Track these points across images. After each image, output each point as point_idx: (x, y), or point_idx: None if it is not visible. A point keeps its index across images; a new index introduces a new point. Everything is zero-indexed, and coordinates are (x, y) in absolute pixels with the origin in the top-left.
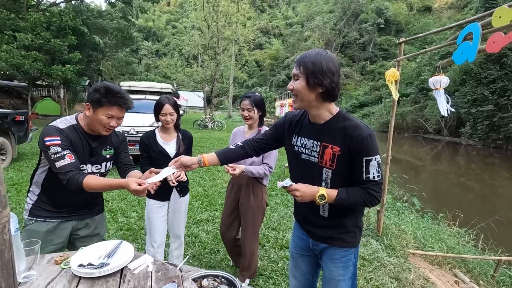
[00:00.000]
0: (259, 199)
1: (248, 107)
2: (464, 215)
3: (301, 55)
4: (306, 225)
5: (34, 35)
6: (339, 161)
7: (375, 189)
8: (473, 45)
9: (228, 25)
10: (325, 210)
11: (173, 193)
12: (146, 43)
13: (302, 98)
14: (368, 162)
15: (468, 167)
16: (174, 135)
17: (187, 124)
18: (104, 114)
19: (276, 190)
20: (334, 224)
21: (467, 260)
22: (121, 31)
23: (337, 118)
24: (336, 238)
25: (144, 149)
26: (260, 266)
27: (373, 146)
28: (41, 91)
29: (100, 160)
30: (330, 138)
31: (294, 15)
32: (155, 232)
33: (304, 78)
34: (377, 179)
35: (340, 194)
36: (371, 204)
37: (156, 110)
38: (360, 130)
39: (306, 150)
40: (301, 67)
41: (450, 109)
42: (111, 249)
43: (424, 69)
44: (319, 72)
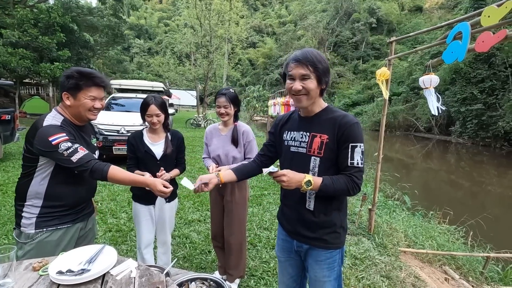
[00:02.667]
0: (244, 193)
1: (225, 104)
2: (454, 212)
3: (302, 55)
4: (289, 226)
5: (21, 32)
6: (327, 148)
7: (357, 176)
8: (462, 44)
9: (221, 23)
10: (311, 202)
11: (158, 198)
12: (138, 41)
13: (312, 96)
14: (354, 148)
15: (458, 165)
16: (162, 135)
17: (180, 123)
18: (85, 97)
19: (269, 189)
20: (319, 222)
21: (456, 257)
22: (112, 29)
23: (326, 111)
24: (320, 239)
25: (131, 150)
26: (252, 267)
27: (359, 133)
28: (30, 89)
29: (94, 150)
30: (319, 128)
31: (287, 13)
32: (141, 234)
33: (315, 77)
34: (360, 166)
35: (324, 180)
36: (353, 192)
37: (142, 111)
38: (348, 118)
39: (294, 143)
40: (310, 67)
41: (440, 108)
42: (93, 255)
43: (415, 68)
44: (326, 70)
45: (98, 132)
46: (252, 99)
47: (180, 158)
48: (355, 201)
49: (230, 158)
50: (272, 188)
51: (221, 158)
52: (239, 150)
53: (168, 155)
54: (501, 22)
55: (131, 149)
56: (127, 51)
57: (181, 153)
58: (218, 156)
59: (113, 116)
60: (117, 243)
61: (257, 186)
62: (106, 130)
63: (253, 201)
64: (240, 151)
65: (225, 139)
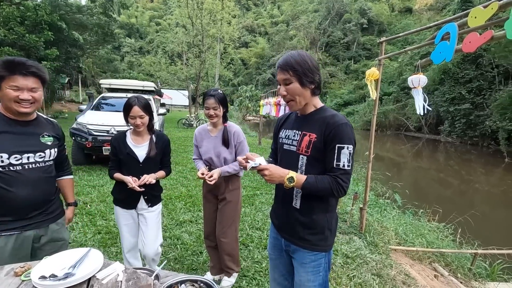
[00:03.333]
0: (237, 193)
1: (214, 105)
2: (443, 210)
3: (282, 60)
4: (278, 223)
5: (7, 30)
6: (314, 147)
7: (343, 178)
8: (450, 44)
9: (212, 23)
10: (297, 201)
11: (140, 202)
12: (129, 40)
13: (300, 99)
14: (340, 149)
15: (447, 163)
16: (146, 137)
17: (172, 123)
18: (8, 87)
19: (261, 189)
20: (304, 221)
21: (445, 254)
22: (102, 27)
23: (319, 111)
24: (305, 239)
25: (113, 152)
26: (244, 267)
27: (347, 134)
28: None
29: (43, 148)
30: (310, 127)
31: (279, 13)
32: (123, 238)
33: (296, 80)
34: (346, 168)
35: (308, 178)
36: (338, 194)
37: (125, 112)
38: (336, 118)
39: (288, 141)
40: (290, 71)
41: (427, 108)
42: (78, 258)
43: (405, 68)
44: (308, 70)
45: (87, 132)
46: (245, 99)
47: (166, 161)
48: (346, 200)
49: (222, 159)
50: (264, 188)
51: (213, 160)
52: (230, 151)
53: (151, 158)
54: (487, 23)
55: (113, 151)
56: (117, 50)
57: (166, 156)
58: (211, 159)
59: (103, 116)
60: (106, 245)
61: (249, 186)
62: (96, 131)
63: (245, 201)
64: (231, 152)
65: (215, 140)
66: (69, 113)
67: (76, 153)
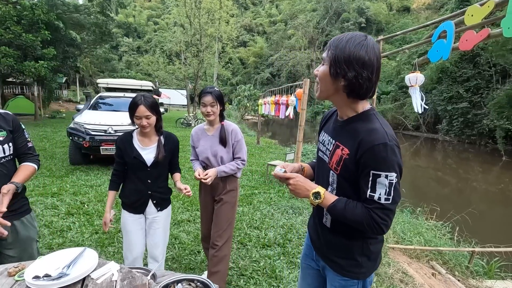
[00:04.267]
0: (235, 194)
1: (211, 102)
2: (441, 208)
3: (337, 36)
4: (311, 233)
5: (4, 29)
6: (344, 166)
7: (379, 214)
8: (447, 43)
9: (211, 22)
10: (327, 219)
11: (148, 206)
12: (127, 40)
13: (321, 87)
14: (376, 177)
15: (445, 162)
16: (154, 139)
17: (170, 122)
18: None
19: (259, 188)
20: (336, 241)
21: (443, 252)
22: (99, 27)
23: (359, 117)
24: (334, 262)
25: (118, 154)
26: (242, 266)
27: (386, 159)
28: (14, 88)
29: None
30: (344, 138)
31: (278, 13)
32: (129, 246)
33: (328, 64)
34: (383, 203)
35: (336, 202)
36: (372, 231)
37: (131, 112)
38: (374, 135)
39: (323, 147)
40: (329, 51)
41: (424, 106)
42: (73, 258)
43: (403, 67)
44: (344, 60)
45: (84, 132)
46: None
47: (175, 163)
48: None
49: (219, 159)
50: (262, 187)
51: (210, 160)
52: (228, 150)
53: (160, 162)
54: (484, 21)
55: (119, 154)
56: (115, 49)
57: (175, 158)
58: (207, 159)
59: (100, 116)
60: (103, 245)
61: (248, 185)
62: (93, 130)
63: (243, 200)
64: (229, 151)
65: (212, 139)
66: (66, 113)
67: (74, 153)
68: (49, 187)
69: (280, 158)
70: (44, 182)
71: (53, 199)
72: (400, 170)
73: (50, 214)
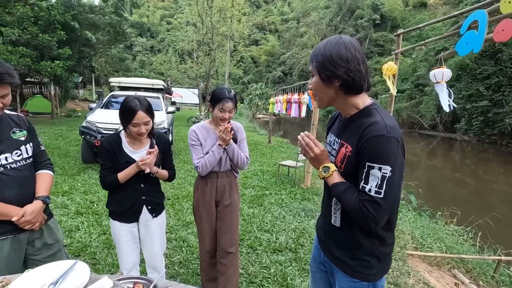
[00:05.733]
0: (238, 195)
1: (231, 109)
2: (461, 212)
3: (315, 48)
4: (320, 233)
5: (21, 30)
6: (348, 163)
7: (367, 207)
8: (479, 34)
9: (223, 21)
10: (337, 218)
11: (142, 214)
12: (140, 39)
13: (320, 96)
14: (370, 169)
15: (463, 162)
16: (146, 140)
17: (182, 121)
18: None
19: (271, 189)
20: (345, 241)
21: (466, 260)
22: (114, 27)
23: (361, 113)
24: (343, 261)
25: (106, 157)
26: (251, 273)
27: (381, 150)
28: (33, 88)
29: (18, 145)
30: (348, 135)
31: (290, 10)
32: (123, 258)
33: (317, 73)
34: (373, 195)
35: (340, 183)
36: (361, 223)
37: (125, 117)
38: (374, 127)
39: (329, 148)
40: (313, 62)
41: (452, 104)
42: (62, 273)
43: (419, 65)
44: (329, 62)
45: (96, 131)
46: (255, 97)
47: (168, 164)
48: None
49: (228, 159)
50: (274, 187)
51: (221, 159)
52: None
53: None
54: None
55: (107, 157)
56: (129, 49)
57: (168, 159)
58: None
59: (112, 115)
60: (111, 246)
61: (259, 186)
62: (105, 129)
63: (253, 201)
64: None
65: None
66: (82, 112)
67: (86, 151)
68: (60, 185)
69: (291, 158)
70: (56, 181)
71: (63, 198)
72: (398, 165)
73: (59, 214)
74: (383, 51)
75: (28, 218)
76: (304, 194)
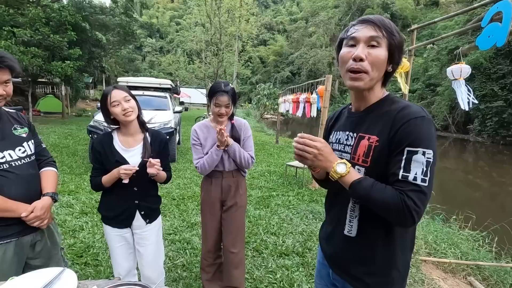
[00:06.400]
0: (246, 195)
1: (227, 103)
2: (476, 216)
3: (376, 16)
4: (327, 248)
5: (33, 31)
6: (375, 155)
7: (413, 198)
8: (503, 26)
9: (231, 21)
10: (352, 226)
11: (135, 219)
12: (150, 40)
13: (374, 75)
14: (412, 154)
15: (476, 164)
16: (139, 137)
17: (190, 121)
18: None
19: (278, 190)
20: (361, 255)
21: (482, 267)
22: (123, 27)
23: (383, 103)
24: (361, 280)
25: (96, 159)
26: (256, 277)
27: (424, 133)
28: (45, 88)
29: (20, 141)
30: (369, 126)
31: (299, 10)
32: (116, 263)
33: (386, 46)
34: (420, 184)
35: (363, 178)
36: (400, 219)
37: (103, 105)
38: (409, 109)
39: (339, 146)
40: (384, 31)
41: (472, 101)
42: (47, 282)
43: (431, 64)
44: (402, 47)
45: (103, 130)
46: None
47: (165, 165)
48: None
49: (231, 159)
50: (281, 189)
51: (223, 159)
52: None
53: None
54: None
55: (97, 158)
56: (139, 50)
57: (164, 159)
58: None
59: None
60: None
61: (265, 187)
62: (111, 128)
63: (260, 202)
64: None
65: None
66: (92, 111)
67: None
68: (67, 184)
69: None
70: (63, 180)
71: (69, 197)
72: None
73: (64, 213)
74: None
75: (38, 213)
76: (312, 196)
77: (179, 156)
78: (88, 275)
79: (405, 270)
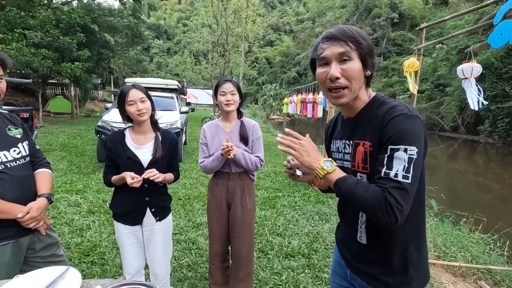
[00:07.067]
0: (254, 198)
1: (231, 90)
2: (486, 218)
3: (337, 30)
4: (343, 248)
5: (44, 33)
6: (372, 159)
7: (394, 195)
8: None
9: (237, 21)
10: (362, 234)
11: (146, 216)
12: (157, 41)
13: (355, 86)
14: (394, 152)
15: (487, 166)
16: (151, 135)
17: (196, 121)
18: None
19: (284, 191)
20: (376, 258)
21: (494, 271)
22: (131, 29)
23: (372, 105)
24: (380, 280)
25: (109, 157)
26: (262, 278)
27: (406, 130)
28: (55, 89)
29: (15, 142)
30: (361, 132)
31: (305, 11)
32: (126, 262)
33: (357, 56)
34: (401, 180)
35: (349, 177)
36: (383, 216)
37: (121, 102)
38: (394, 109)
39: (339, 155)
40: (351, 43)
41: (482, 102)
42: (51, 281)
43: (440, 64)
44: (373, 50)
45: (111, 130)
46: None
47: (174, 164)
48: None
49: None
50: (287, 189)
51: (229, 160)
52: (248, 148)
53: (158, 161)
54: None
55: (110, 156)
56: (146, 51)
57: (174, 158)
58: None
59: None
60: None
61: (271, 187)
62: (119, 128)
63: (265, 203)
64: (249, 150)
65: (230, 136)
66: (100, 112)
67: (101, 150)
68: (75, 184)
69: None
70: (71, 179)
71: (77, 197)
72: (423, 146)
73: (72, 212)
74: (401, 50)
75: (34, 214)
76: (318, 197)
77: (186, 156)
78: (95, 274)
79: (424, 268)
